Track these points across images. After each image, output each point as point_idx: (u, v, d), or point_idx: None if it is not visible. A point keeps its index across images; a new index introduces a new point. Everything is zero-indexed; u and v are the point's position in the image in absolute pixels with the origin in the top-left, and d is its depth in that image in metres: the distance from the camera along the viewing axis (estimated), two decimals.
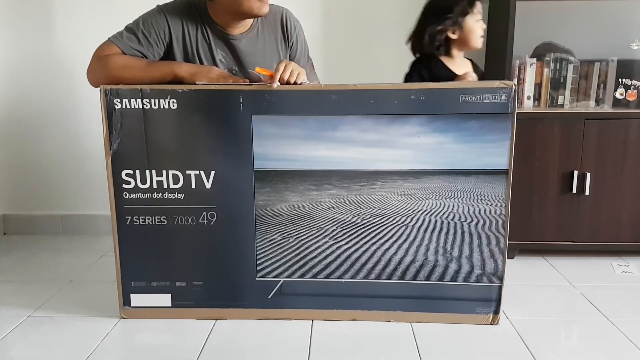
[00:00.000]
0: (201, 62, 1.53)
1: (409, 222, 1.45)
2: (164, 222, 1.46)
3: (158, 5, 1.52)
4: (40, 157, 2.36)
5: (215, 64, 1.54)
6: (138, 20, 1.49)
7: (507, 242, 1.44)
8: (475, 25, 1.57)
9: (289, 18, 1.62)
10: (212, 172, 1.43)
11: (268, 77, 1.41)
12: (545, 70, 2.04)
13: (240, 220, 1.46)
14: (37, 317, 1.55)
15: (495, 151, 1.39)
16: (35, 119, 2.33)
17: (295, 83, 1.39)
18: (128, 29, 1.48)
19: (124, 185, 1.44)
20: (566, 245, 2.00)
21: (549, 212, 1.98)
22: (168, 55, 1.52)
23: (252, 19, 1.55)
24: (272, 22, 1.60)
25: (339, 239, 1.47)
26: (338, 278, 1.48)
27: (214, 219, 1.46)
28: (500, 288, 1.47)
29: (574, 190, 1.94)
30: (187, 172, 1.44)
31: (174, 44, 1.51)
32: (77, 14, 2.23)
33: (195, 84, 1.41)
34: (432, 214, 1.44)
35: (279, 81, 1.37)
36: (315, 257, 1.48)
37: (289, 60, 1.62)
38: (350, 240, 1.47)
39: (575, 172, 1.93)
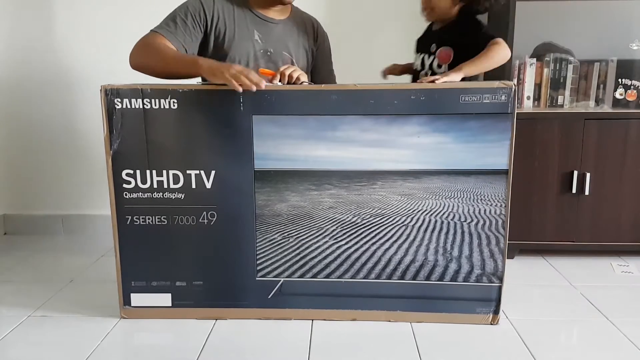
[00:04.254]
0: (238, 42, 1.57)
1: (409, 222, 1.45)
2: (164, 222, 1.46)
3: None
4: (40, 157, 2.37)
5: (252, 44, 1.58)
6: (175, 10, 1.55)
7: (507, 242, 1.44)
8: None
9: (319, 27, 1.73)
10: (213, 172, 1.43)
11: (271, 78, 1.45)
12: (545, 70, 2.04)
13: (240, 220, 1.46)
14: (37, 317, 1.55)
15: (495, 151, 1.39)
16: (36, 118, 2.33)
17: (297, 80, 1.43)
18: (167, 18, 1.54)
19: (124, 185, 1.44)
20: (566, 245, 2.00)
21: (549, 212, 1.98)
22: (206, 38, 1.57)
23: (288, 8, 1.64)
24: (306, 24, 1.68)
25: (339, 239, 1.47)
26: (338, 278, 1.48)
27: (214, 219, 1.46)
28: (500, 288, 1.47)
29: (574, 190, 1.95)
30: (188, 172, 1.44)
31: (209, 28, 1.55)
32: (77, 14, 2.23)
33: (205, 81, 1.43)
34: (432, 214, 1.44)
35: (281, 76, 1.44)
36: (315, 257, 1.48)
37: (320, 61, 1.72)
38: (350, 240, 1.47)
39: (575, 172, 1.93)
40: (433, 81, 1.38)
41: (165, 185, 1.44)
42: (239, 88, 1.30)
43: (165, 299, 1.51)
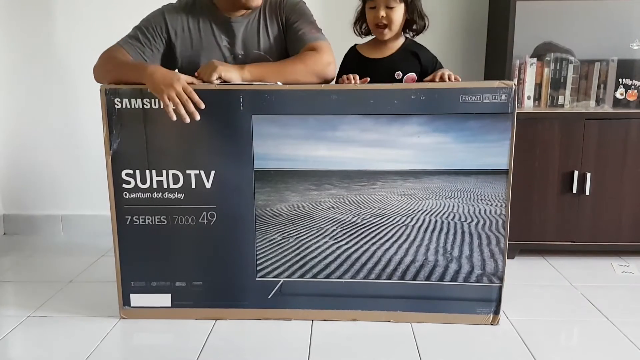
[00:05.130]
0: (207, 53, 1.54)
1: (409, 222, 1.45)
2: (164, 222, 1.46)
3: (162, 6, 1.57)
4: (40, 157, 2.36)
5: (221, 51, 1.56)
6: (139, 23, 1.55)
7: (507, 242, 1.44)
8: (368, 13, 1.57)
9: (281, 1, 1.60)
10: (212, 172, 1.43)
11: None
12: (546, 70, 2.04)
13: (240, 220, 1.46)
14: (37, 317, 1.55)
15: (495, 151, 1.39)
16: (35, 119, 2.33)
17: (210, 80, 1.37)
18: (130, 31, 1.53)
19: (124, 185, 1.44)
20: (566, 245, 2.00)
21: (549, 212, 1.98)
22: (169, 49, 1.55)
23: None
24: (271, 7, 1.60)
25: (339, 239, 1.47)
26: (338, 278, 1.48)
27: (214, 219, 1.46)
28: (500, 288, 1.46)
29: (574, 190, 1.94)
30: (187, 172, 1.44)
31: (172, 39, 1.54)
32: (77, 15, 2.23)
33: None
34: (432, 214, 1.44)
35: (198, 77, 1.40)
36: (315, 257, 1.48)
37: (290, 23, 1.58)
38: (350, 240, 1.47)
39: (576, 172, 1.93)
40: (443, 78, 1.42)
41: (165, 185, 1.44)
42: (173, 116, 1.32)
43: (164, 299, 1.51)
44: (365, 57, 1.63)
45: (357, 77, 1.45)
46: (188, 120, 1.34)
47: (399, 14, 1.53)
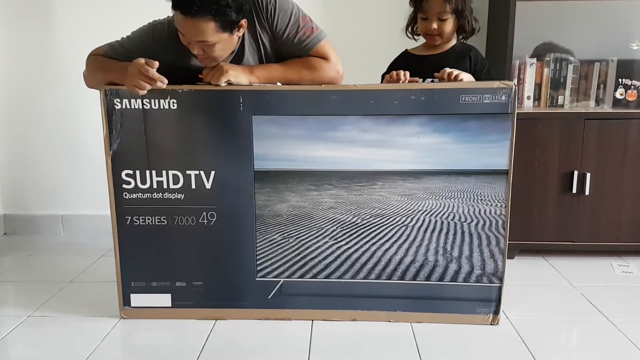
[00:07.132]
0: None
1: (409, 222, 1.45)
2: (164, 222, 1.46)
3: (151, 26, 1.45)
4: (40, 157, 2.36)
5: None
6: (129, 37, 1.46)
7: (507, 242, 1.44)
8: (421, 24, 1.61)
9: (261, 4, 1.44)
10: (212, 172, 1.43)
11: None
12: (545, 70, 2.04)
13: (240, 221, 1.46)
14: (37, 317, 1.55)
15: (495, 151, 1.39)
16: (36, 119, 2.33)
17: (219, 84, 1.37)
18: (119, 41, 1.47)
19: (124, 186, 1.44)
20: (566, 245, 2.00)
21: (549, 212, 1.98)
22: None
23: None
24: (252, 31, 1.46)
25: (339, 239, 1.47)
26: (338, 278, 1.48)
27: (214, 219, 1.46)
28: (500, 288, 1.47)
29: (574, 191, 1.94)
30: (187, 172, 1.44)
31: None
32: (77, 15, 2.23)
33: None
34: (432, 214, 1.44)
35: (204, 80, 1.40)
36: (315, 257, 1.48)
37: (279, 35, 1.46)
38: (350, 241, 1.47)
39: (575, 172, 1.93)
40: (450, 75, 1.45)
41: (165, 186, 1.44)
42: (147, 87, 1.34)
43: (165, 300, 1.51)
44: (414, 54, 1.68)
45: (407, 73, 1.47)
46: (149, 87, 1.34)
47: (450, 24, 1.58)
